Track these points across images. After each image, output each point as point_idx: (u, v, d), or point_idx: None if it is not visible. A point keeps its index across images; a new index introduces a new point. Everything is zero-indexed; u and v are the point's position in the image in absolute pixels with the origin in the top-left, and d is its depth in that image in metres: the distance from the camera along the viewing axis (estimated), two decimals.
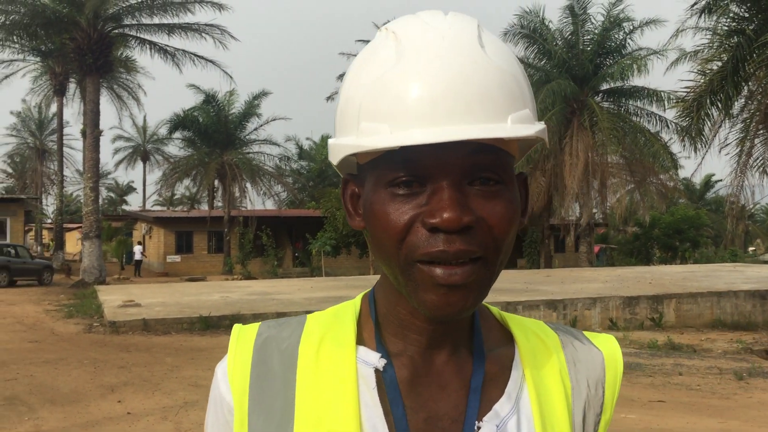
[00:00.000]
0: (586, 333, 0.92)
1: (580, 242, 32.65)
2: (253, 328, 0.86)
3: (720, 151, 16.82)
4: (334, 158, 0.79)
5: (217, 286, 22.28)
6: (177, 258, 38.62)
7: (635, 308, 15.71)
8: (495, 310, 0.92)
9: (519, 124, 0.73)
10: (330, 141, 0.81)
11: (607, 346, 0.91)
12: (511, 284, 19.34)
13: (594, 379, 0.87)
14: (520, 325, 0.90)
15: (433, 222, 0.71)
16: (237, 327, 0.87)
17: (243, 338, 0.85)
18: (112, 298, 17.23)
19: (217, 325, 13.42)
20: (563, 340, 0.89)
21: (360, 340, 0.83)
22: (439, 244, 0.71)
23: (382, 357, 0.81)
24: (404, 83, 0.71)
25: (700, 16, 15.75)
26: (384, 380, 0.80)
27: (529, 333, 0.88)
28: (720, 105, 15.27)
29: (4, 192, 57.12)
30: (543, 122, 0.79)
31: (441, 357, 0.82)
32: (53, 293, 22.34)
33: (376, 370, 0.80)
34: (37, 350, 11.30)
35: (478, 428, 0.79)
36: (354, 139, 0.74)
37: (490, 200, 0.73)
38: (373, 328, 0.84)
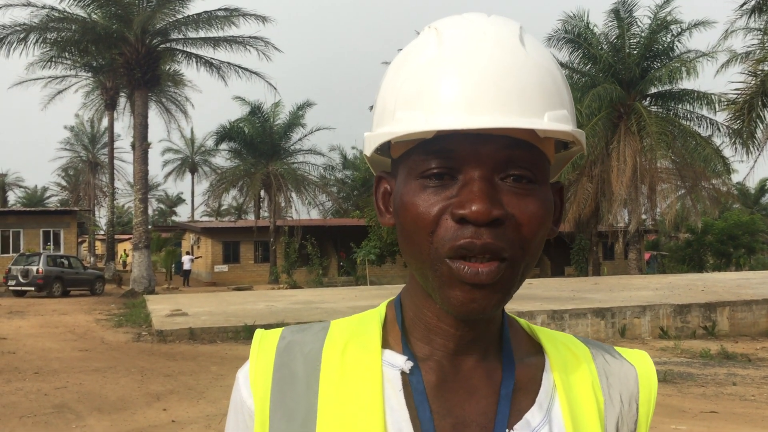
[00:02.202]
0: (618, 348, 0.90)
1: (629, 249, 32.02)
2: (276, 333, 0.85)
3: None
4: (368, 149, 0.78)
5: (262, 296, 22.49)
6: (224, 268, 39.14)
7: (687, 316, 15.30)
8: (524, 322, 0.90)
9: (556, 122, 0.72)
10: (366, 134, 0.81)
11: (641, 361, 0.89)
12: (558, 292, 19.06)
13: (627, 395, 0.85)
14: (549, 336, 0.88)
15: (462, 213, 0.70)
16: (259, 332, 0.86)
17: (265, 343, 0.84)
18: (160, 307, 17.52)
19: None
20: (594, 354, 0.87)
21: (386, 345, 0.82)
22: (467, 235, 0.70)
23: (408, 360, 0.79)
24: (442, 74, 0.71)
25: (749, 17, 15.37)
26: (411, 384, 0.78)
27: (559, 345, 0.87)
28: None
29: (58, 204, 58.85)
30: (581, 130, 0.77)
31: (469, 362, 0.80)
32: (104, 303, 22.84)
33: (403, 373, 0.79)
34: (86, 359, 11.54)
35: None
36: (388, 128, 0.74)
37: (522, 198, 0.72)
38: (399, 333, 0.82)
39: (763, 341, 14.37)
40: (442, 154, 0.72)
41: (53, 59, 29.36)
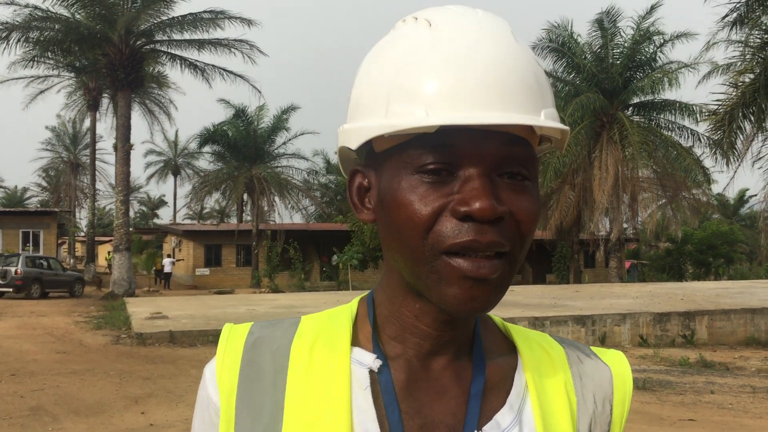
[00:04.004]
0: (593, 348, 0.89)
1: (610, 257, 32.21)
2: (245, 327, 0.83)
3: (753, 165, 16.52)
4: (355, 142, 0.74)
5: (244, 299, 22.37)
6: (206, 271, 38.89)
7: (666, 325, 15.40)
8: (498, 320, 0.88)
9: (551, 119, 0.71)
10: (346, 126, 0.77)
11: (616, 362, 0.87)
12: (539, 299, 19.13)
13: (601, 396, 0.83)
14: (523, 335, 0.86)
15: (466, 210, 0.68)
16: (228, 326, 0.84)
17: (233, 338, 0.82)
18: (140, 310, 17.36)
19: None
20: (569, 354, 0.85)
21: (356, 342, 0.80)
22: (471, 233, 0.68)
23: (377, 358, 0.77)
24: (443, 67, 0.69)
25: (731, 29, 15.52)
26: (379, 383, 0.76)
27: (533, 344, 0.85)
28: (752, 118, 15.01)
29: (38, 205, 58.26)
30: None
31: (440, 362, 0.79)
32: (83, 305, 22.60)
33: (371, 372, 0.77)
34: (64, 361, 11.40)
35: None
36: (383, 120, 0.71)
37: (519, 194, 0.72)
38: (370, 330, 0.80)
39: (741, 350, 14.49)
40: (443, 150, 0.69)
41: (36, 59, 29.01)
